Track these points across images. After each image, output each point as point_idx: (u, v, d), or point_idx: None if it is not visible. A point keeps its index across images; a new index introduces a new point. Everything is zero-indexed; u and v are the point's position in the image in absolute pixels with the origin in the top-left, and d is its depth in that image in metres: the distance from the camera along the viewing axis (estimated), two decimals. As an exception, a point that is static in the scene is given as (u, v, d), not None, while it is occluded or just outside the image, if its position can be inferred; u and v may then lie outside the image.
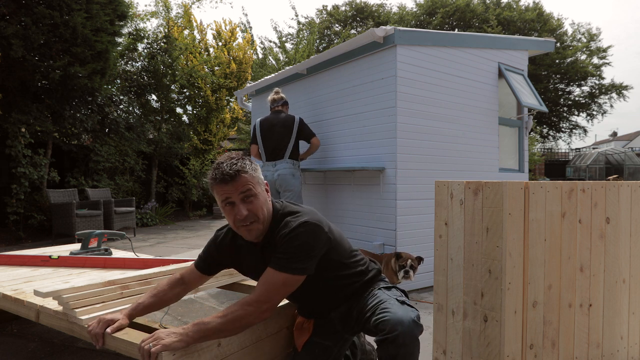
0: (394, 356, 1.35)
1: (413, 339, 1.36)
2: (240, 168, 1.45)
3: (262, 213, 1.48)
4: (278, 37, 14.22)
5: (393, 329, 1.34)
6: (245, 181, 1.45)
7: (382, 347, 1.37)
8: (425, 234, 3.65)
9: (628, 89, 23.99)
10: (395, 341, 1.33)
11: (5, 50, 5.93)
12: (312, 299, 1.64)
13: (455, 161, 3.97)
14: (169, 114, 10.33)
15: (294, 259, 1.41)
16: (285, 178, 3.80)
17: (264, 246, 1.55)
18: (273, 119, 3.98)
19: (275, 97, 4.10)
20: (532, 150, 17.27)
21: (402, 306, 1.45)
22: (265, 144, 3.95)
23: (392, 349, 1.34)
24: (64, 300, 1.59)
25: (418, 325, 1.38)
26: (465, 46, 4.08)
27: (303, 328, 1.70)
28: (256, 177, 1.49)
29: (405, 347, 1.34)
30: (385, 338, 1.35)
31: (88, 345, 2.42)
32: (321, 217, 1.54)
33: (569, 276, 1.71)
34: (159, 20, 9.71)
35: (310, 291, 1.56)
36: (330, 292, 1.61)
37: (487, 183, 1.58)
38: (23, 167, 6.52)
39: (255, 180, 1.48)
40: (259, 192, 1.49)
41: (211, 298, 3.42)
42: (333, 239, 1.53)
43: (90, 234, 2.90)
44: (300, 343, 1.68)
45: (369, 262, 1.71)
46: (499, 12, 22.92)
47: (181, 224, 9.11)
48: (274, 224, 1.52)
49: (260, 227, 1.50)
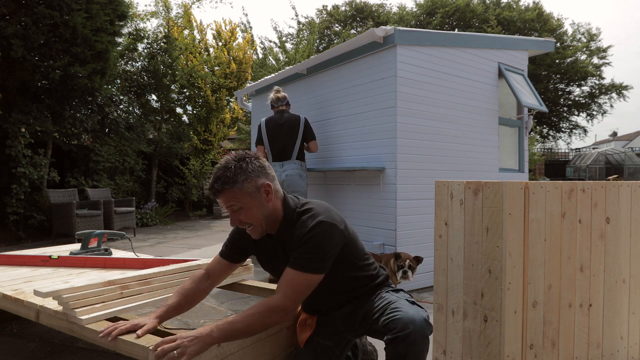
0: (403, 355, 1.36)
1: (424, 338, 1.37)
2: (222, 184, 1.43)
3: (256, 218, 1.49)
4: (278, 37, 14.22)
5: (405, 328, 1.35)
6: (229, 196, 1.45)
7: (392, 346, 1.37)
8: (425, 234, 3.65)
9: (628, 89, 24.01)
10: (406, 339, 1.34)
11: (5, 50, 5.93)
12: (320, 297, 1.63)
13: (455, 161, 3.97)
14: (169, 114, 10.33)
15: (314, 258, 1.43)
16: (294, 179, 3.80)
17: (284, 241, 1.56)
18: (279, 119, 3.95)
19: (278, 96, 4.05)
20: (532, 150, 17.27)
21: (413, 306, 1.46)
22: (273, 145, 3.93)
23: (402, 347, 1.35)
24: (64, 300, 1.59)
25: (429, 325, 1.39)
26: (465, 46, 4.08)
27: (306, 325, 1.70)
28: (244, 187, 1.45)
29: (416, 346, 1.35)
30: (397, 336, 1.36)
31: (88, 345, 2.42)
32: (336, 213, 1.54)
33: (569, 276, 1.72)
34: (159, 20, 9.72)
35: (320, 288, 1.55)
36: (338, 291, 1.61)
37: (487, 183, 1.58)
38: (23, 167, 6.52)
39: (242, 192, 1.45)
40: (246, 202, 1.46)
41: (211, 298, 3.42)
42: (348, 235, 1.54)
43: (90, 234, 2.90)
44: (302, 339, 1.68)
45: (379, 268, 1.71)
46: (499, 12, 22.92)
47: (181, 224, 9.11)
48: (289, 221, 1.53)
49: (259, 229, 1.52)
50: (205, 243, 6.49)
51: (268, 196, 1.51)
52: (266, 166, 1.53)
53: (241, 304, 3.29)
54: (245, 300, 3.35)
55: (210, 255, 5.41)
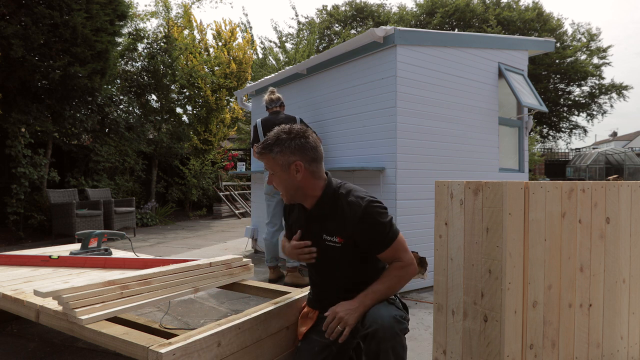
0: (376, 353, 1.39)
1: (393, 335, 1.40)
2: (262, 149, 1.62)
3: (282, 188, 1.64)
4: (278, 37, 14.23)
5: (372, 324, 1.41)
6: (265, 161, 1.63)
7: (365, 346, 1.43)
8: (425, 234, 3.65)
9: (628, 89, 24.01)
10: (375, 336, 1.39)
11: (5, 50, 5.93)
12: (334, 283, 1.68)
13: (455, 161, 3.97)
14: (169, 114, 10.33)
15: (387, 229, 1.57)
16: None
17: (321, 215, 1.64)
18: (274, 119, 3.98)
19: (272, 98, 4.10)
20: (532, 150, 17.26)
21: (388, 306, 1.51)
22: None
23: (374, 345, 1.39)
24: (64, 300, 1.59)
25: (399, 322, 1.43)
26: (465, 46, 4.08)
27: (307, 318, 1.76)
28: (277, 158, 1.59)
29: (386, 342, 1.38)
30: (366, 334, 1.42)
31: (88, 345, 2.42)
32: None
33: (569, 276, 1.71)
34: (159, 20, 9.73)
35: (339, 273, 1.65)
36: (352, 287, 1.64)
37: (487, 183, 1.58)
38: (23, 167, 6.52)
39: (274, 162, 1.60)
40: (276, 171, 1.62)
41: (211, 298, 3.42)
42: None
43: (90, 234, 2.90)
44: (302, 331, 1.73)
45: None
46: (499, 12, 22.92)
47: (181, 224, 9.11)
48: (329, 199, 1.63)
49: (286, 197, 1.66)
50: (205, 243, 6.49)
51: (297, 174, 1.59)
52: (308, 147, 1.60)
53: (241, 303, 3.29)
54: (245, 300, 3.35)
55: (210, 255, 5.42)
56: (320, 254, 1.66)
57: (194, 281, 2.06)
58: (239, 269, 2.32)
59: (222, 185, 11.19)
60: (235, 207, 10.99)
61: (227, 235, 7.38)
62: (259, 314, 1.66)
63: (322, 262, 1.67)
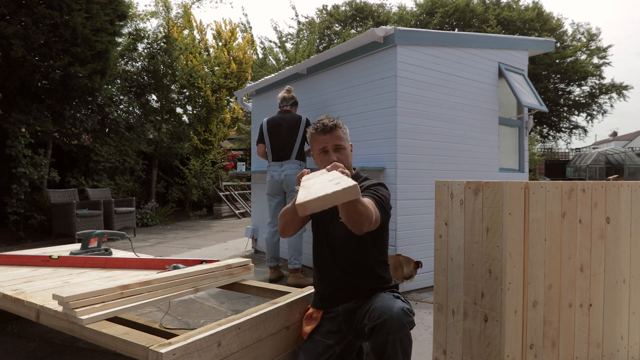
0: (383, 345, 1.39)
1: (401, 326, 1.40)
2: (336, 123, 1.81)
3: (347, 162, 1.81)
4: (278, 37, 14.23)
5: (381, 315, 1.42)
6: (338, 135, 1.80)
7: (373, 338, 1.43)
8: (425, 234, 3.65)
9: (628, 89, 24.00)
10: (383, 327, 1.39)
11: (5, 50, 5.93)
12: (342, 262, 1.72)
13: (455, 161, 3.97)
14: (169, 114, 10.32)
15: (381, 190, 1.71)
16: (292, 179, 3.82)
17: None
18: (280, 119, 3.96)
19: (285, 96, 4.05)
20: (532, 150, 17.25)
21: (395, 299, 1.52)
22: (273, 144, 3.95)
23: (381, 336, 1.39)
24: (64, 300, 1.59)
25: (407, 314, 1.43)
26: (465, 46, 4.08)
27: (312, 318, 1.77)
28: (346, 133, 1.87)
29: (394, 334, 1.38)
30: (374, 325, 1.42)
31: (88, 345, 2.42)
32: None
33: (569, 276, 1.71)
34: (159, 21, 9.72)
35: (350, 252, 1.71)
36: (355, 274, 1.70)
37: (487, 183, 1.58)
38: (23, 167, 6.52)
39: (345, 136, 1.85)
40: (345, 146, 1.83)
41: (211, 298, 3.43)
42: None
43: (90, 234, 2.90)
44: (306, 331, 1.74)
45: (393, 280, 1.82)
46: (499, 12, 22.92)
47: (181, 224, 9.11)
48: (355, 178, 1.80)
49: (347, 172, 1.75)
50: (205, 243, 6.49)
51: (351, 152, 1.89)
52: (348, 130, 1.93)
53: (241, 304, 3.29)
54: (245, 300, 3.35)
55: (211, 255, 5.41)
56: (337, 230, 1.72)
57: (194, 281, 2.06)
58: (239, 269, 2.33)
59: (222, 185, 11.19)
60: (235, 207, 10.99)
61: (227, 235, 7.38)
62: (259, 314, 1.66)
63: (337, 239, 1.74)
